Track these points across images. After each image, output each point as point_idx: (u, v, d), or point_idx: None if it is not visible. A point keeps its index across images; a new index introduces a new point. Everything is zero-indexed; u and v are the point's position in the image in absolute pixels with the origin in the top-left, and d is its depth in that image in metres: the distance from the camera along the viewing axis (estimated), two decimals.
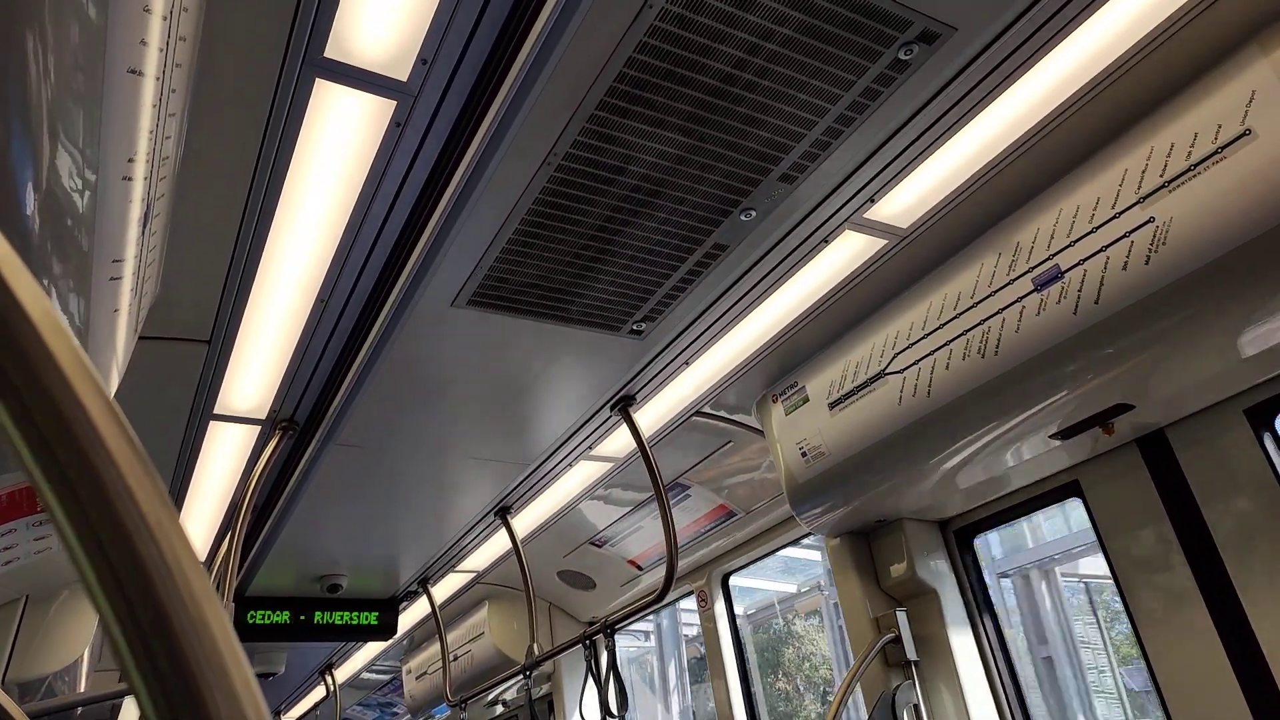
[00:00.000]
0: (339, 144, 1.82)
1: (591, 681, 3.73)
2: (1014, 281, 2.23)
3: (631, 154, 1.88)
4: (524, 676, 4.16)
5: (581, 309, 2.44)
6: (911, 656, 2.95)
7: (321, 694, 7.41)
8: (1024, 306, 2.19)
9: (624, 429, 3.14)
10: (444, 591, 4.94)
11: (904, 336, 2.55)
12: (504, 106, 1.70)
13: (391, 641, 5.64)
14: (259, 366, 2.61)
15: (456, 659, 5.55)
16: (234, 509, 3.47)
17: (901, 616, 3.00)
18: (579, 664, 5.33)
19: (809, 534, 3.52)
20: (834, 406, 2.80)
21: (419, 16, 1.56)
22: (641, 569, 4.61)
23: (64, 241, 1.28)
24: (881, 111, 1.83)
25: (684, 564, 4.41)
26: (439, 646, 5.25)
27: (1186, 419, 2.35)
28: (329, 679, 6.75)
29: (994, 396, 2.31)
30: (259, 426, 2.96)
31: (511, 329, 2.50)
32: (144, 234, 1.52)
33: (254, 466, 3.11)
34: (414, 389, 2.78)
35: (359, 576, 4.61)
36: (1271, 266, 1.77)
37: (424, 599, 4.91)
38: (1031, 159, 2.09)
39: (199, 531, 3.74)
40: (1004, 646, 2.97)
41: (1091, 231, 2.04)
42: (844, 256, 2.38)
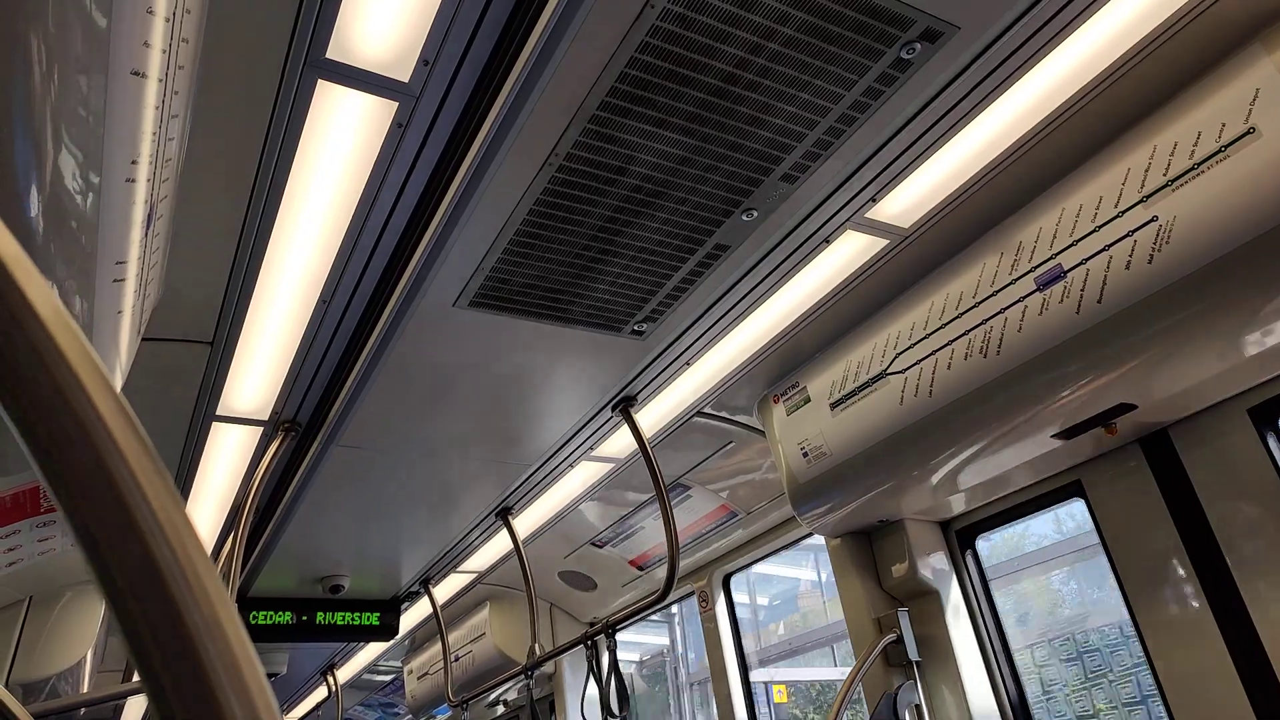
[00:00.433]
0: (341, 145, 1.82)
1: (593, 682, 3.73)
2: (1016, 281, 2.22)
3: (633, 154, 1.88)
4: (525, 677, 4.16)
5: (583, 309, 2.44)
6: (913, 657, 2.95)
7: (323, 694, 7.42)
8: (1026, 306, 2.19)
9: (625, 429, 3.14)
10: (445, 592, 4.94)
11: (906, 336, 2.55)
12: (505, 107, 1.70)
13: (393, 642, 5.65)
14: (261, 368, 2.61)
15: (458, 659, 5.55)
16: (236, 510, 3.47)
17: (903, 617, 3.00)
18: (580, 664, 5.33)
19: (810, 534, 3.52)
20: (835, 407, 2.80)
21: (420, 17, 1.56)
22: (643, 569, 4.61)
23: (67, 243, 1.28)
24: (883, 111, 1.83)
25: (685, 564, 4.41)
26: (440, 647, 5.25)
27: (1189, 419, 2.34)
28: (331, 679, 6.75)
29: (996, 396, 2.31)
30: (261, 428, 2.97)
31: (513, 330, 2.50)
32: (147, 236, 1.52)
33: (256, 467, 3.11)
34: (416, 390, 2.78)
35: (361, 577, 4.61)
36: (1275, 265, 1.77)
37: (425, 599, 4.91)
38: (1034, 158, 2.09)
39: (202, 532, 3.73)
40: (1006, 646, 2.96)
41: (1094, 231, 2.04)
42: (845, 256, 2.38)
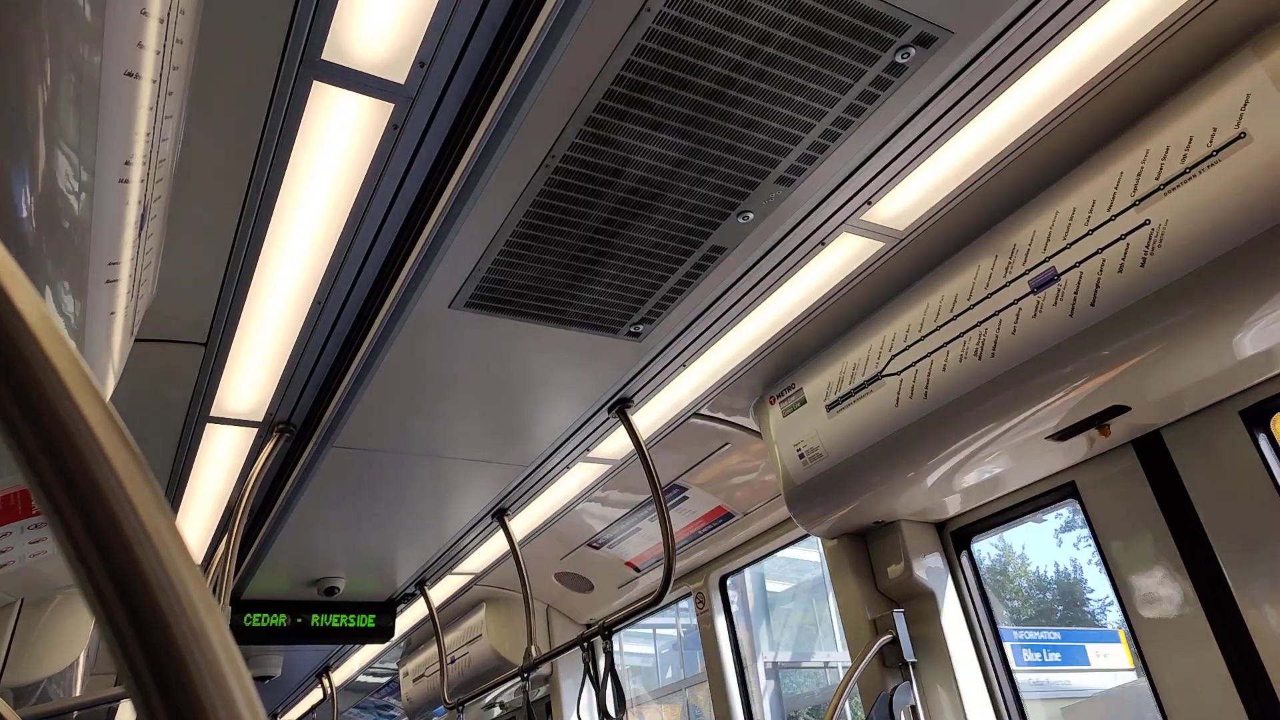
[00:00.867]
0: (336, 146, 1.82)
1: (589, 684, 3.73)
2: (1011, 284, 2.23)
3: (629, 156, 1.88)
4: (521, 679, 4.15)
5: (579, 311, 2.44)
6: (909, 658, 2.96)
7: (319, 697, 7.40)
8: (1020, 309, 2.20)
9: (622, 431, 3.14)
10: (441, 594, 4.94)
11: (901, 338, 2.55)
12: (501, 109, 1.70)
13: (389, 644, 5.63)
14: (256, 369, 2.61)
15: (454, 661, 5.54)
16: (230, 511, 3.46)
17: (899, 618, 3.00)
18: (577, 666, 5.33)
19: (807, 535, 3.52)
20: (831, 408, 2.80)
21: (416, 19, 1.56)
22: (639, 571, 4.61)
23: (60, 244, 1.27)
24: (879, 114, 1.83)
25: (682, 565, 4.41)
26: (436, 649, 5.24)
27: (1182, 420, 2.35)
28: (326, 682, 6.73)
29: (991, 398, 2.31)
30: (256, 429, 2.96)
31: (509, 331, 2.49)
32: (140, 236, 1.51)
33: (251, 469, 3.10)
34: (411, 391, 2.77)
35: (356, 579, 4.60)
36: (1267, 268, 1.77)
37: (421, 601, 4.90)
38: (1028, 161, 2.10)
39: (196, 534, 3.73)
40: (1001, 647, 2.97)
41: (1088, 234, 2.05)
42: (841, 259, 2.39)
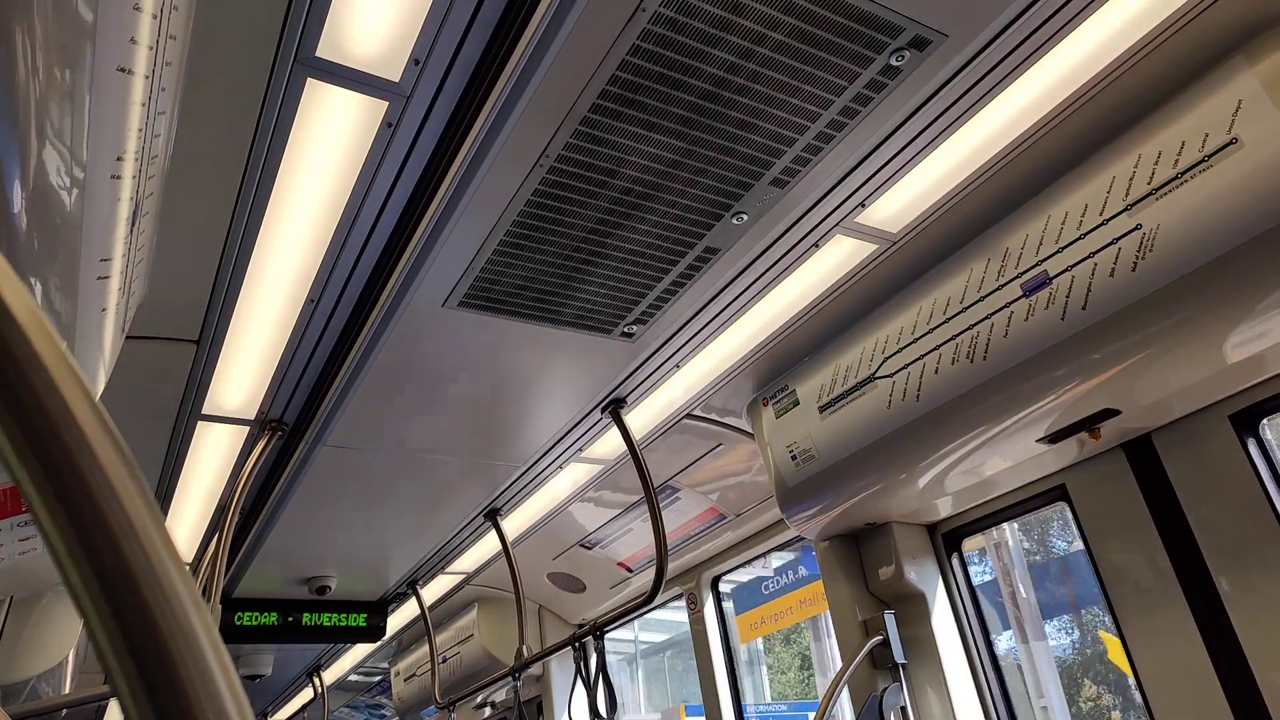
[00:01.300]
0: (330, 144, 1.81)
1: (580, 684, 3.72)
2: (1003, 287, 2.24)
3: (624, 157, 1.88)
4: (513, 679, 4.15)
5: (573, 311, 2.44)
6: (899, 659, 2.96)
7: (309, 696, 7.38)
8: (1012, 312, 2.21)
9: (614, 431, 3.14)
10: (433, 593, 4.93)
11: (894, 341, 2.56)
12: (496, 108, 1.70)
13: (380, 644, 5.62)
14: (248, 367, 2.60)
15: (445, 661, 5.53)
16: (222, 510, 3.44)
17: (889, 619, 3.01)
18: (568, 666, 5.32)
19: (799, 537, 3.53)
20: (824, 410, 2.81)
21: (412, 17, 1.55)
22: (631, 571, 4.61)
23: (51, 240, 1.27)
24: (873, 117, 1.84)
25: (674, 566, 4.41)
26: (428, 648, 5.23)
27: (1172, 424, 2.36)
28: (317, 681, 6.71)
29: (982, 401, 2.32)
30: (247, 427, 2.95)
31: (503, 331, 2.49)
32: (132, 233, 1.51)
33: (242, 467, 3.09)
34: (404, 390, 2.77)
35: (347, 578, 4.59)
36: (1257, 273, 1.79)
37: (413, 601, 4.89)
38: (1021, 165, 2.11)
39: (187, 532, 3.71)
40: (991, 649, 2.98)
41: (1080, 238, 2.06)
42: (835, 261, 2.39)
